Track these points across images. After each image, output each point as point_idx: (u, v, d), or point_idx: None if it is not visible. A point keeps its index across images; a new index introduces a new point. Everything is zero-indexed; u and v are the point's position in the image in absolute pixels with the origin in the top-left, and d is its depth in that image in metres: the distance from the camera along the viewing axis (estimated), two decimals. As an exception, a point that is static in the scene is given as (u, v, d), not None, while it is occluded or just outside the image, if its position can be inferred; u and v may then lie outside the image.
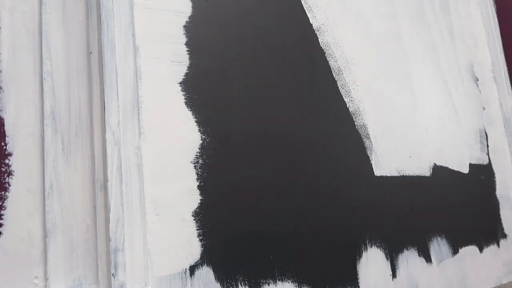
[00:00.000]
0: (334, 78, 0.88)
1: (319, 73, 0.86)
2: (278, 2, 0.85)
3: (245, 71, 0.77)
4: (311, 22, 0.88)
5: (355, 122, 0.89)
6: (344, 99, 0.88)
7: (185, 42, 0.71)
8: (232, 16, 0.77)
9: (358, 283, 0.80)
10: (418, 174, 0.96)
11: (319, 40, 0.88)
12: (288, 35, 0.84)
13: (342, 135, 0.87)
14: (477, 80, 1.19)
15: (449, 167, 1.03)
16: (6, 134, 0.57)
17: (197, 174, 0.68)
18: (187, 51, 0.71)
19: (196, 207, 0.67)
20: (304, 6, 0.88)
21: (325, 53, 0.88)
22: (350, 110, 0.89)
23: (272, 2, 0.84)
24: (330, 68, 0.88)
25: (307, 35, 0.87)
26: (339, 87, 0.88)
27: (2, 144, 0.57)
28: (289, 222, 0.75)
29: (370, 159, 0.89)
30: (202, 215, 0.67)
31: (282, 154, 0.78)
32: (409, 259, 0.89)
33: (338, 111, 0.87)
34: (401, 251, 0.88)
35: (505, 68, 1.27)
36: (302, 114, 0.82)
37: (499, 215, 1.10)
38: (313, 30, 0.88)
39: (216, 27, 0.75)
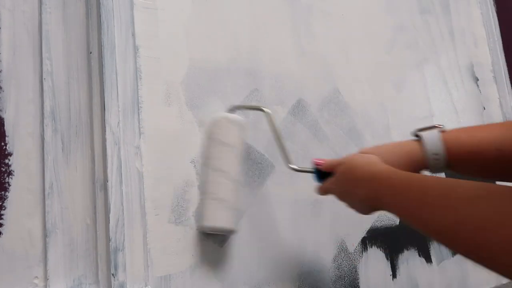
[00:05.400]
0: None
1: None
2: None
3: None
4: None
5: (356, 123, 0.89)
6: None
7: (185, 42, 0.71)
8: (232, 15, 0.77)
9: (358, 283, 0.80)
10: (418, 174, 0.96)
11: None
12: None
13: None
14: (477, 80, 1.19)
15: (449, 167, 1.03)
16: (6, 134, 0.57)
17: (197, 173, 0.68)
18: (187, 51, 0.70)
19: (196, 207, 0.66)
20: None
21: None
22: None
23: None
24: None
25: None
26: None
27: (2, 144, 0.57)
28: (289, 222, 0.75)
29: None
30: (202, 215, 0.67)
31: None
32: (409, 259, 0.89)
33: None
34: (401, 251, 0.88)
35: (505, 68, 1.27)
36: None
37: (499, 215, 1.10)
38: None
39: (216, 26, 0.75)
